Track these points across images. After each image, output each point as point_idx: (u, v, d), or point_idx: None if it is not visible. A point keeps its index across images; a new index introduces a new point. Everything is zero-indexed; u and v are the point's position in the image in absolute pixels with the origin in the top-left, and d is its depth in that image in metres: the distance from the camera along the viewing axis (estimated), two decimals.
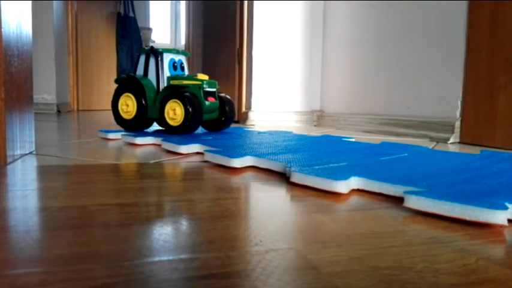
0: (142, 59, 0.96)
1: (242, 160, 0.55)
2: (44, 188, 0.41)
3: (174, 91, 0.88)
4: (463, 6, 0.94)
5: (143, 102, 0.92)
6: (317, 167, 0.48)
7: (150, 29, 4.03)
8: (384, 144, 0.76)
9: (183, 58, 0.99)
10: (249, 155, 0.56)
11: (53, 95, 2.09)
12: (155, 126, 1.08)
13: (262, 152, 0.59)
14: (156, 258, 0.23)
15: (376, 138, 1.01)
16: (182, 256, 0.24)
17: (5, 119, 0.51)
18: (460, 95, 0.95)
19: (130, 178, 0.46)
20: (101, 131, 0.92)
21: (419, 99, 1.08)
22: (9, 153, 0.53)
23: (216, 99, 0.93)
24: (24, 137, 0.61)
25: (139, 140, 0.78)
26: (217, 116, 0.96)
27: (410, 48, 1.11)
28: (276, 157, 0.55)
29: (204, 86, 0.89)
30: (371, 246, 0.26)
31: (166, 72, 0.94)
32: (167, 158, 0.62)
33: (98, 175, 0.48)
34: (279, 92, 1.50)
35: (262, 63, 1.47)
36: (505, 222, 0.31)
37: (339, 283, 0.21)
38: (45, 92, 2.06)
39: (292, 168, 0.46)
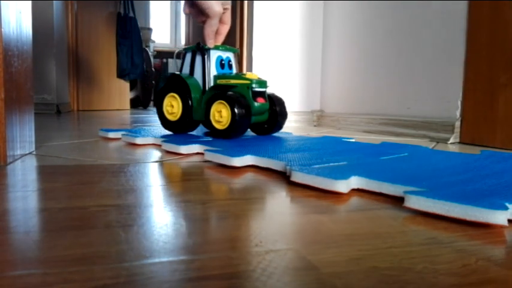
0: (188, 57, 0.89)
1: (242, 159, 0.55)
2: (44, 188, 0.41)
3: (220, 91, 0.81)
4: (463, 6, 0.94)
5: (189, 103, 0.85)
6: (317, 166, 0.48)
7: (150, 29, 4.03)
8: (384, 144, 0.76)
9: (231, 55, 0.91)
10: (249, 154, 0.56)
11: (53, 95, 2.09)
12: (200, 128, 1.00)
13: (262, 152, 0.59)
14: (156, 259, 0.23)
15: (376, 138, 1.01)
16: (182, 257, 0.24)
17: (5, 119, 0.51)
18: (460, 95, 0.95)
19: (130, 179, 0.46)
20: (102, 129, 0.92)
21: (419, 99, 1.08)
22: (9, 153, 0.53)
23: (266, 100, 0.85)
24: (24, 137, 0.61)
25: (139, 140, 0.78)
26: (267, 118, 0.88)
27: (411, 48, 1.11)
28: (276, 156, 0.55)
29: (253, 85, 0.82)
30: (371, 247, 0.26)
31: (213, 70, 0.87)
32: (167, 158, 0.62)
33: (98, 175, 0.48)
34: (279, 92, 1.50)
35: (262, 63, 1.47)
36: (505, 223, 0.31)
37: (339, 283, 0.21)
38: (45, 92, 2.06)
39: (293, 168, 0.46)
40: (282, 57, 1.50)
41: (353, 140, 0.85)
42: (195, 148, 0.67)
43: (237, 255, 0.24)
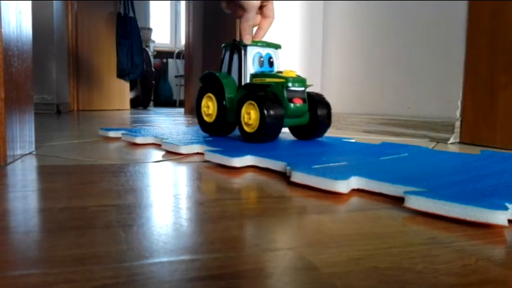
0: (227, 54, 0.83)
1: (242, 159, 0.55)
2: (44, 188, 0.41)
3: (252, 91, 0.74)
4: (463, 6, 0.94)
5: (223, 103, 0.79)
6: (317, 166, 0.48)
7: (150, 29, 4.04)
8: (383, 144, 0.76)
9: (272, 52, 0.84)
10: (249, 154, 0.56)
11: (53, 95, 2.09)
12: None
13: (262, 152, 0.59)
14: (156, 259, 0.23)
15: (376, 138, 1.01)
16: (182, 257, 0.24)
17: (5, 119, 0.51)
18: (460, 95, 0.95)
19: (130, 179, 0.46)
20: (102, 128, 0.93)
21: (419, 99, 1.08)
22: (9, 153, 0.53)
23: (304, 100, 0.75)
24: (24, 137, 0.61)
25: (139, 140, 0.78)
26: (308, 120, 0.79)
27: (410, 48, 1.11)
28: (276, 156, 0.55)
29: (289, 84, 0.73)
30: (371, 247, 0.26)
31: (250, 68, 0.79)
32: (167, 158, 0.62)
33: (98, 175, 0.48)
34: None
35: None
36: (505, 223, 0.31)
37: (339, 284, 0.21)
38: (45, 92, 2.06)
39: (293, 168, 0.46)
40: (282, 57, 1.49)
41: (353, 140, 0.85)
42: (195, 148, 0.67)
43: (237, 255, 0.24)
